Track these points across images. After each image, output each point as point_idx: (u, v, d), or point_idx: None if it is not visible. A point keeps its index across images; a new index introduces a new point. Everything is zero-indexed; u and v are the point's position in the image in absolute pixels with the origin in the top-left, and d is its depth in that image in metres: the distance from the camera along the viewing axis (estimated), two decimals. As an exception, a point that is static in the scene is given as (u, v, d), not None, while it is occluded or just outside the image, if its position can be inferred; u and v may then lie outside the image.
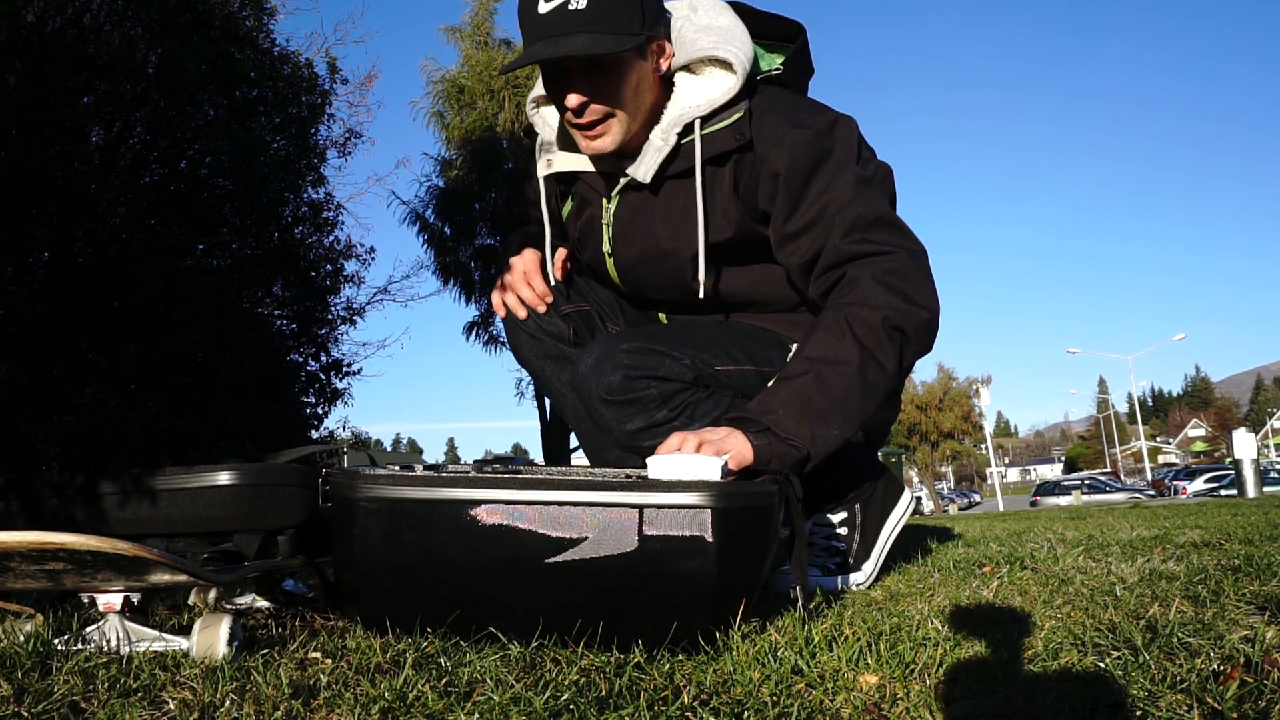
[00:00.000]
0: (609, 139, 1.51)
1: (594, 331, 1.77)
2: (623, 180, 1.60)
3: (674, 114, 1.53)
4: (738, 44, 1.53)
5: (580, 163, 1.64)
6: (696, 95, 1.52)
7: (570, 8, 1.39)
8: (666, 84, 1.55)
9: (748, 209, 1.56)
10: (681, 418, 1.54)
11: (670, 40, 1.54)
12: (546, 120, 1.68)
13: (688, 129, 1.53)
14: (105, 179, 6.54)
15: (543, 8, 1.41)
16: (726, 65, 1.52)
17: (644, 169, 1.55)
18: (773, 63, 1.64)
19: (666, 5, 1.60)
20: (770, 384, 1.41)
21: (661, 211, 1.59)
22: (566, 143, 1.65)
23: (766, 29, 1.65)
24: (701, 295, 1.58)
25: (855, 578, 1.69)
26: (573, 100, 1.46)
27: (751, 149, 1.51)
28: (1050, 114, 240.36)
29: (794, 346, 1.50)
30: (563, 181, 1.72)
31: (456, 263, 15.63)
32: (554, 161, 1.67)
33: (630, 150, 1.56)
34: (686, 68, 1.55)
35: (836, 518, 1.73)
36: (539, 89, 1.64)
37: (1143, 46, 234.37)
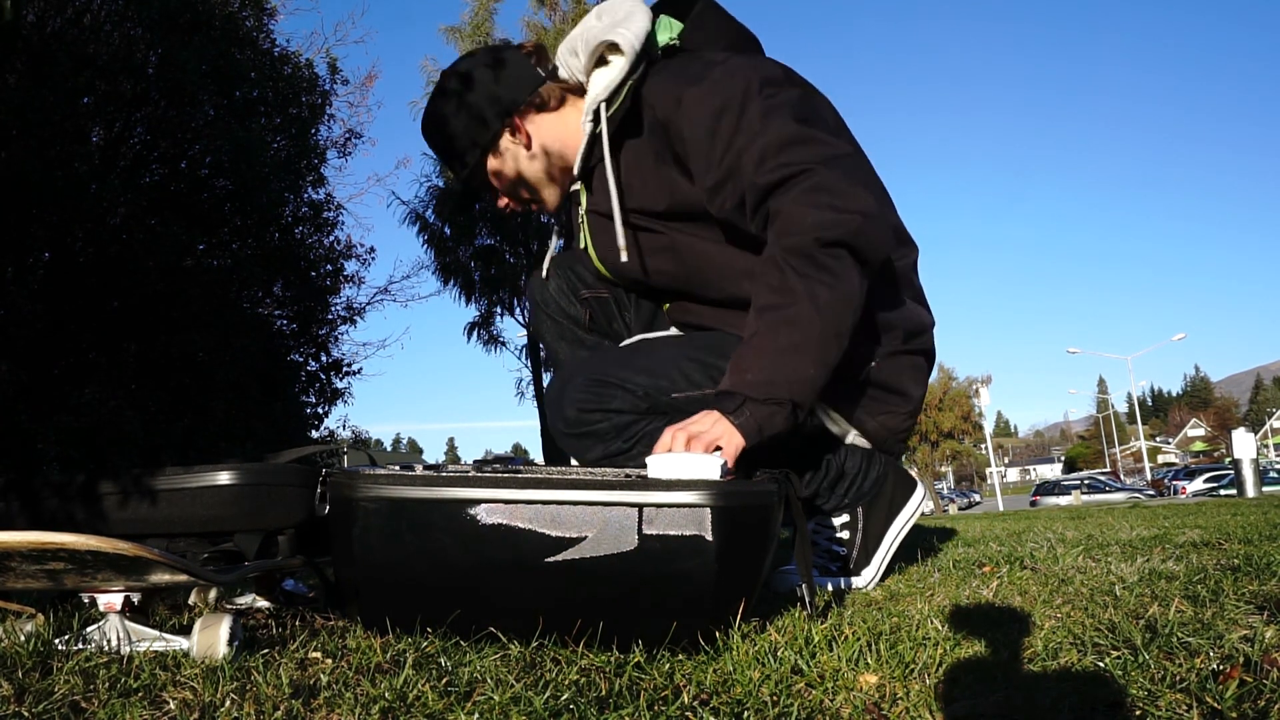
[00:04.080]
0: (547, 203, 1.75)
1: (610, 319, 1.85)
2: (577, 184, 1.72)
3: (586, 106, 1.61)
4: (624, 25, 1.57)
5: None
6: (598, 84, 1.59)
7: (431, 152, 1.64)
8: (581, 91, 1.66)
9: (681, 173, 1.56)
10: (638, 448, 1.56)
11: (535, 103, 1.65)
12: None
13: (597, 115, 1.60)
14: (105, 179, 6.54)
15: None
16: (616, 48, 1.57)
17: (578, 163, 1.67)
18: (675, 32, 1.67)
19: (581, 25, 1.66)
20: (739, 348, 1.41)
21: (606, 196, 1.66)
22: None
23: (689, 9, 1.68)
24: (624, 259, 1.61)
25: (855, 582, 1.67)
26: (500, 203, 1.78)
27: (657, 117, 1.55)
28: (1049, 111, 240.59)
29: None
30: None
31: (456, 263, 15.66)
32: None
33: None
34: (601, 62, 1.60)
35: (839, 520, 1.72)
36: None
37: (1144, 41, 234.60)
